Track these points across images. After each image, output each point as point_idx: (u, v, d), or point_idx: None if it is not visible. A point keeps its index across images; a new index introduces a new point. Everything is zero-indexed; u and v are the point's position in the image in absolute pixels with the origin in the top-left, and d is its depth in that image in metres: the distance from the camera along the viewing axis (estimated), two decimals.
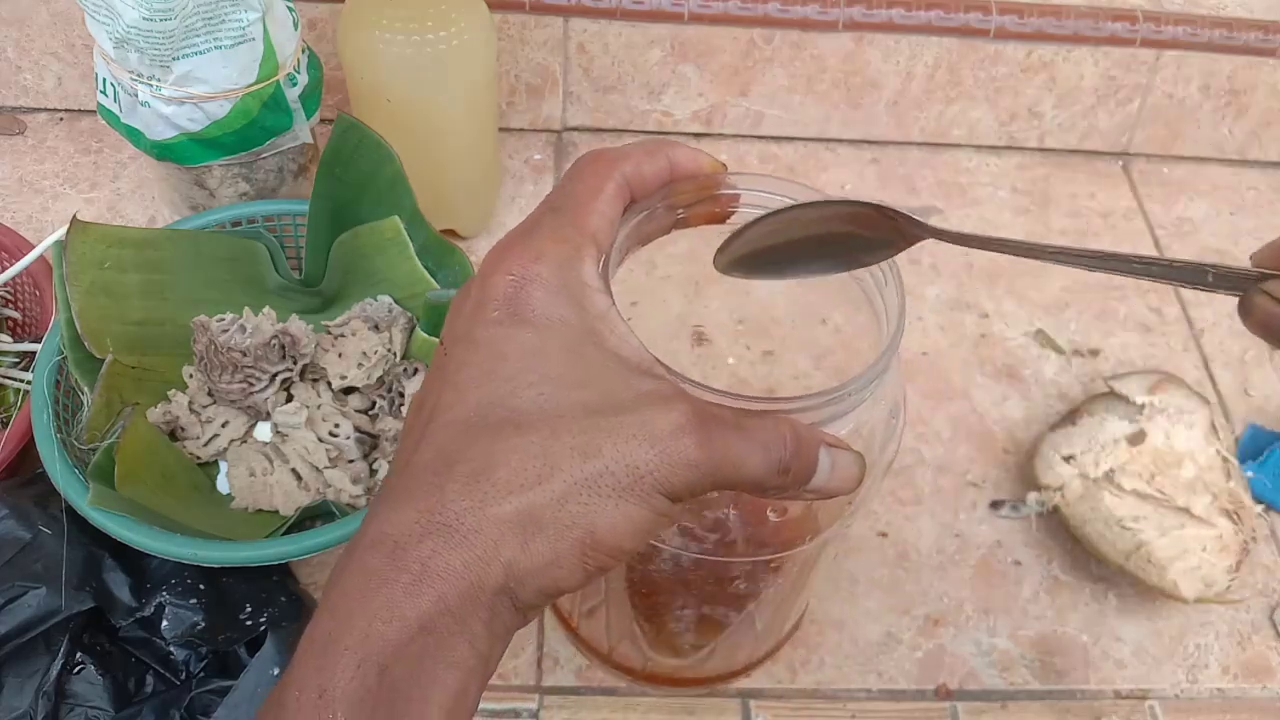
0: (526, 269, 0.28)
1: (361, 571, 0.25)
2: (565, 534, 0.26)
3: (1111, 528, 0.53)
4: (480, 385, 0.27)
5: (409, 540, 0.25)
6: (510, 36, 0.68)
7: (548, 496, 0.25)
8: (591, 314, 0.28)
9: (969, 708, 0.51)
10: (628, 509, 0.26)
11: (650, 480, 0.26)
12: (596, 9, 0.67)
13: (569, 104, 0.72)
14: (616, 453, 0.26)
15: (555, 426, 0.26)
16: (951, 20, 0.69)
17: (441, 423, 0.27)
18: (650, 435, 0.26)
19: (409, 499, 0.26)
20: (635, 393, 0.27)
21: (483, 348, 0.28)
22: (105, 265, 0.52)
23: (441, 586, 0.25)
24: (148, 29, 0.50)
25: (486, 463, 0.26)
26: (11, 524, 0.47)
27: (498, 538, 0.25)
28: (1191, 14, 0.70)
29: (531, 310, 0.28)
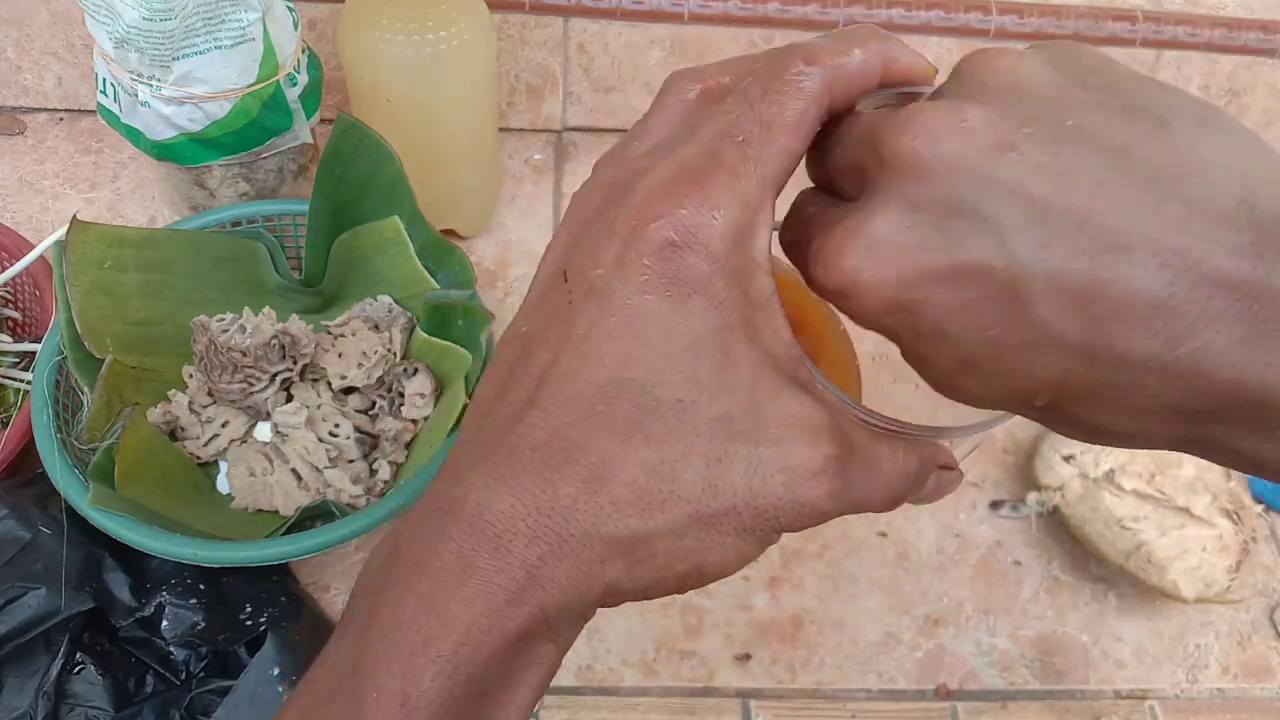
0: (695, 229, 0.23)
1: (459, 561, 0.23)
2: (674, 566, 0.24)
3: (1111, 528, 0.53)
4: (612, 365, 0.23)
5: (515, 539, 0.23)
6: (510, 36, 0.68)
7: (666, 526, 0.23)
8: (753, 300, 0.24)
9: (969, 708, 0.51)
10: (741, 546, 0.24)
11: (773, 522, 0.24)
12: (596, 9, 0.67)
13: (569, 104, 0.72)
14: (748, 491, 0.23)
15: (689, 445, 0.23)
16: (951, 20, 0.69)
17: (559, 397, 0.23)
18: (788, 475, 0.23)
19: (514, 484, 0.23)
20: (779, 413, 0.24)
21: (623, 318, 0.23)
22: (105, 265, 0.52)
23: (543, 597, 0.23)
24: (148, 29, 0.50)
25: (606, 468, 0.23)
26: (11, 524, 0.47)
27: (606, 556, 0.23)
28: (1191, 14, 0.70)
29: (689, 285, 0.23)
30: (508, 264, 0.66)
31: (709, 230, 0.23)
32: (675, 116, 0.26)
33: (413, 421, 0.54)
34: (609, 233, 0.23)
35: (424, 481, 0.48)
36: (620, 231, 0.23)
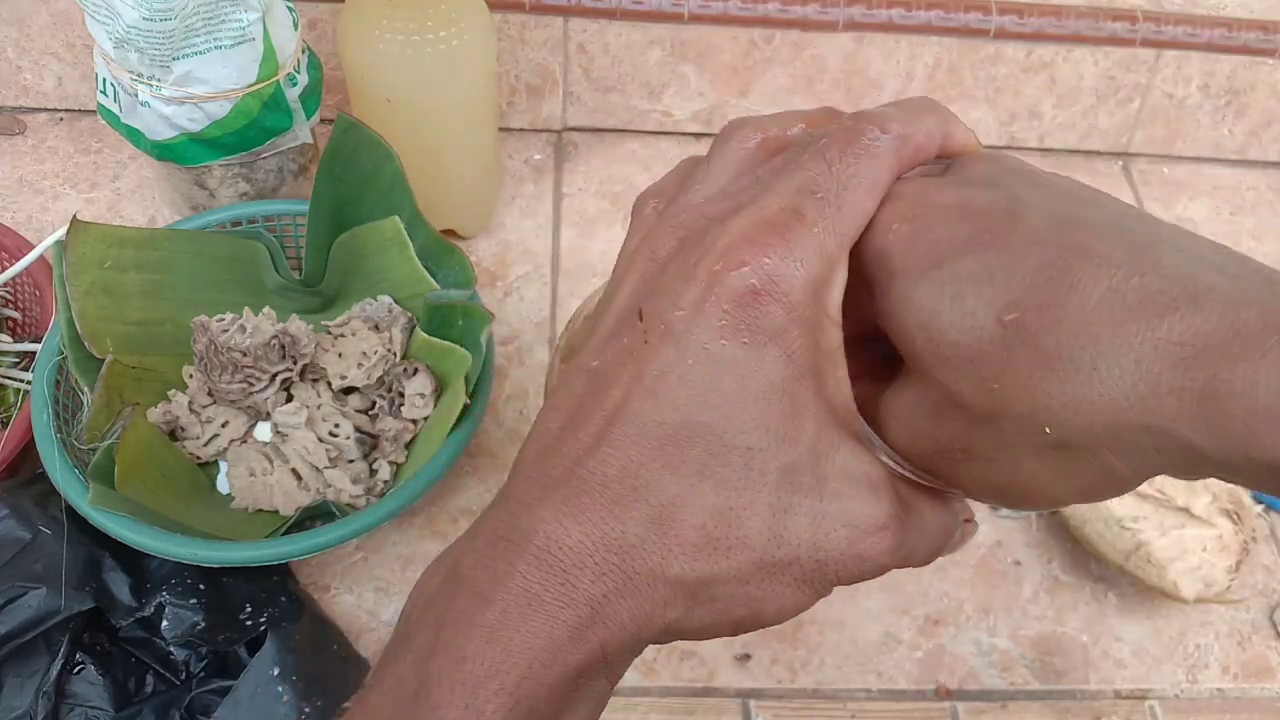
0: (776, 278, 0.23)
1: (525, 594, 0.23)
2: (733, 611, 0.24)
3: (1111, 528, 0.53)
4: (685, 407, 0.24)
5: (581, 573, 0.23)
6: (510, 36, 0.68)
7: (730, 572, 0.24)
8: (822, 351, 0.24)
9: (969, 708, 0.51)
10: (798, 596, 0.25)
11: (832, 575, 0.24)
12: (596, 9, 0.67)
13: (569, 104, 0.72)
14: (811, 543, 0.24)
15: (756, 494, 0.24)
16: (951, 20, 0.69)
17: (632, 433, 0.24)
18: (850, 530, 0.24)
19: (582, 516, 0.24)
20: (840, 468, 0.25)
21: (700, 362, 0.24)
22: (105, 265, 0.52)
23: (605, 634, 0.23)
24: (148, 29, 0.50)
25: (674, 509, 0.23)
26: (11, 524, 0.47)
27: (668, 598, 0.24)
28: (1191, 14, 0.70)
29: (766, 333, 0.23)
30: (508, 264, 0.66)
31: (790, 280, 0.23)
32: (738, 165, 0.27)
33: (413, 421, 0.54)
34: (689, 276, 0.24)
35: (424, 481, 0.48)
36: (701, 275, 0.24)
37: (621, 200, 0.70)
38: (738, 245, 0.24)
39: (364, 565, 0.53)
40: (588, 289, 0.65)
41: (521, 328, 0.63)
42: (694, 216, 0.26)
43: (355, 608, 0.51)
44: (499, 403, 0.59)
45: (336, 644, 0.48)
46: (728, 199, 0.26)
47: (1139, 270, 0.21)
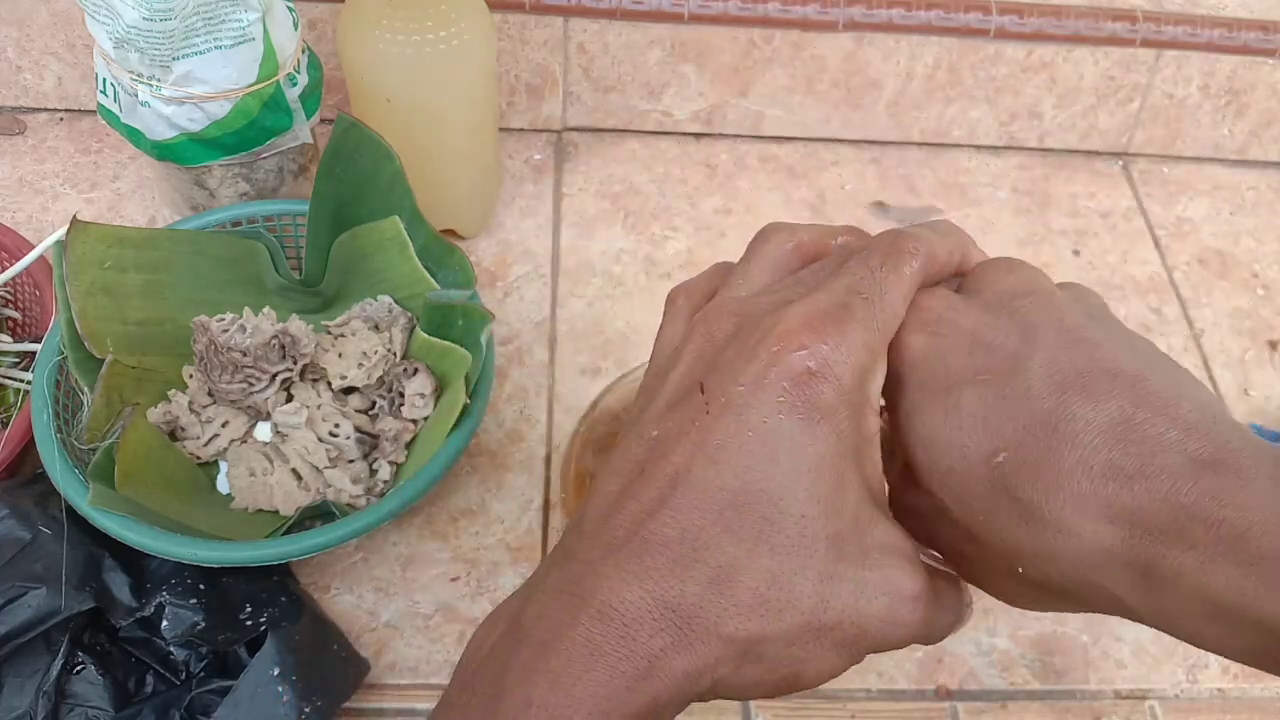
0: (830, 363, 0.26)
1: (588, 645, 0.25)
2: (778, 670, 0.26)
3: None
4: (744, 475, 0.25)
5: (641, 629, 0.25)
6: (510, 36, 0.68)
7: (778, 633, 0.25)
8: (863, 434, 0.27)
9: (969, 708, 0.51)
10: (837, 661, 0.26)
11: (870, 641, 0.26)
12: (596, 9, 0.67)
13: (569, 104, 0.72)
14: (854, 609, 0.26)
15: (806, 560, 0.25)
16: (951, 20, 0.69)
17: (692, 501, 0.25)
18: (889, 601, 0.26)
19: (645, 577, 0.25)
20: (879, 541, 0.27)
21: (759, 435, 0.26)
22: (105, 265, 0.52)
23: (659, 686, 0.25)
24: (148, 29, 0.50)
25: (731, 571, 0.25)
26: (11, 524, 0.47)
27: (720, 655, 0.25)
28: (1191, 14, 0.70)
29: (819, 412, 0.26)
30: (508, 264, 0.66)
31: (842, 366, 0.26)
32: (776, 265, 0.30)
33: (413, 421, 0.54)
34: (749, 355, 0.26)
35: (424, 481, 0.48)
36: (762, 355, 0.26)
37: (621, 200, 0.70)
38: (796, 330, 0.26)
39: (364, 565, 0.53)
40: (588, 289, 0.65)
41: (521, 328, 0.63)
42: (748, 305, 0.28)
43: (355, 608, 0.51)
44: (499, 403, 0.59)
45: (336, 644, 0.48)
46: (777, 294, 0.29)
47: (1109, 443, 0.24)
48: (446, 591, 0.52)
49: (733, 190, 0.71)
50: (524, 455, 0.57)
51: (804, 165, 0.74)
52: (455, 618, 0.51)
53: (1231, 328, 0.68)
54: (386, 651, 0.50)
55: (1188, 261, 0.72)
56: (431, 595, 0.52)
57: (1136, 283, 0.70)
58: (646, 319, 0.63)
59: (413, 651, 0.50)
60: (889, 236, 0.29)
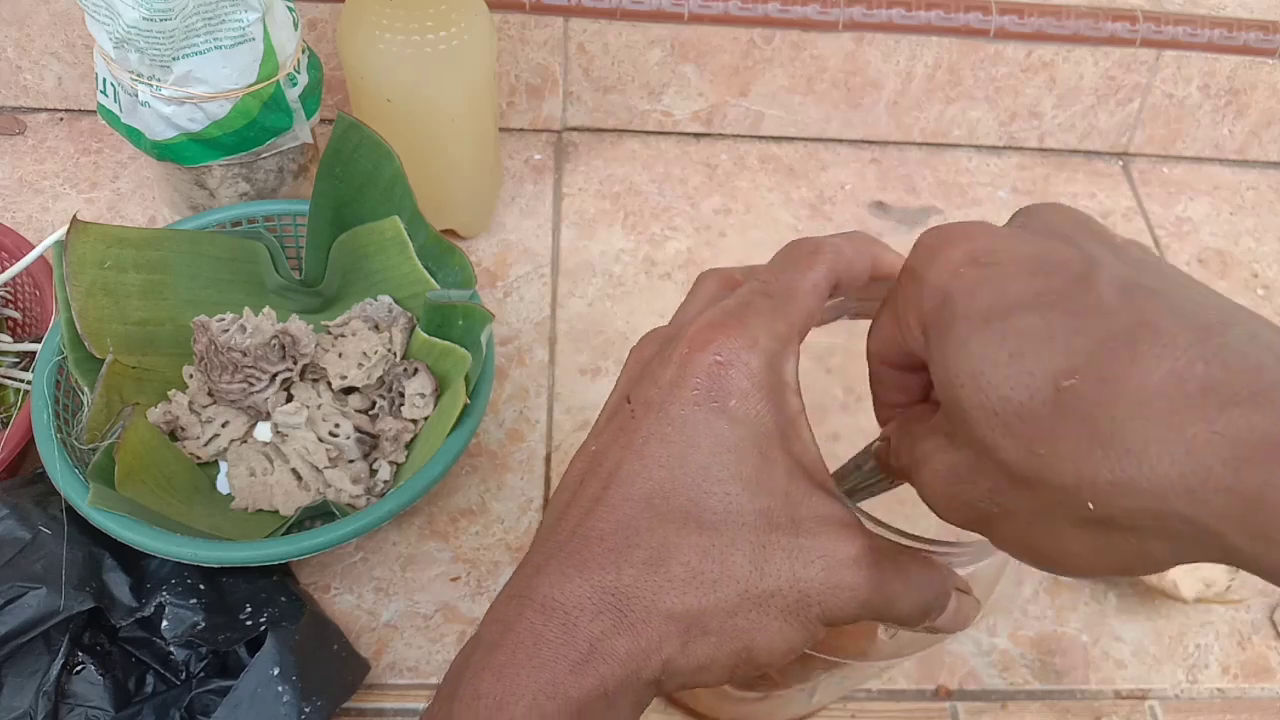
0: (737, 354, 0.27)
1: (531, 635, 0.26)
2: (726, 644, 0.26)
3: None
4: (668, 466, 0.27)
5: (581, 615, 0.26)
6: (510, 36, 0.68)
7: (718, 604, 0.26)
8: (784, 415, 0.28)
9: (969, 708, 0.51)
10: (787, 631, 0.27)
11: (816, 608, 0.27)
12: (596, 9, 0.67)
13: (569, 104, 0.72)
14: (792, 575, 0.26)
15: (736, 533, 0.26)
16: (951, 20, 0.69)
17: (623, 494, 0.27)
18: (826, 563, 0.27)
19: (583, 569, 0.26)
20: (813, 513, 0.27)
21: (677, 426, 0.27)
22: (105, 265, 0.52)
23: (604, 670, 0.25)
24: (148, 29, 0.50)
25: (665, 551, 0.26)
26: (11, 524, 0.47)
27: (663, 633, 0.26)
28: (1191, 14, 0.70)
29: (731, 400, 0.27)
30: (508, 264, 0.66)
31: (749, 353, 0.27)
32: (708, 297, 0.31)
33: (413, 421, 0.54)
34: (665, 362, 0.28)
35: (424, 481, 0.48)
36: (675, 359, 0.28)
37: (621, 200, 0.70)
38: (704, 330, 0.28)
39: (364, 565, 0.53)
40: (588, 289, 0.65)
41: (521, 328, 0.63)
42: (672, 329, 0.30)
43: (355, 608, 0.51)
44: (499, 403, 0.59)
45: (336, 644, 0.48)
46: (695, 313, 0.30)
47: (1203, 356, 0.22)
48: (446, 591, 0.52)
49: (733, 190, 0.71)
50: (524, 455, 0.57)
51: (804, 165, 0.74)
52: (455, 618, 0.51)
53: None
54: (386, 651, 0.50)
55: (1188, 261, 0.71)
56: (431, 595, 0.52)
57: None
58: (646, 319, 0.63)
59: (413, 651, 0.50)
60: (792, 242, 0.31)
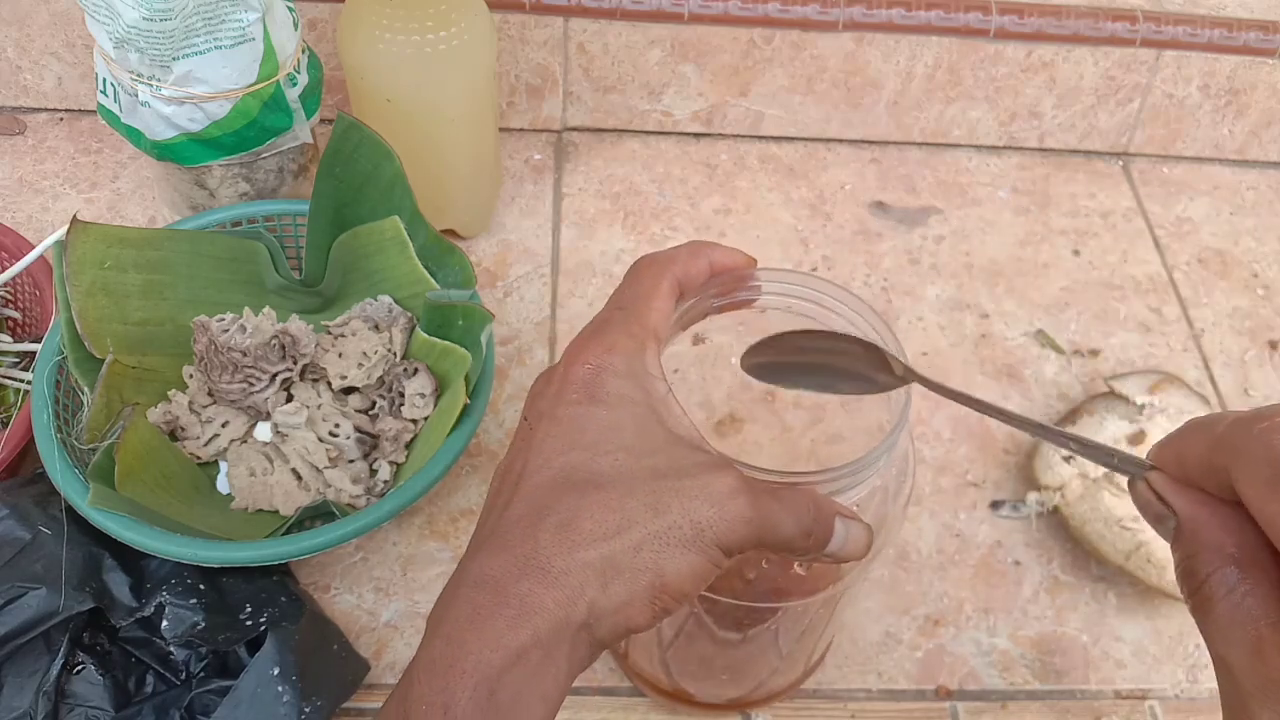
0: (601, 359, 0.33)
1: (470, 605, 0.29)
2: (639, 578, 0.30)
3: (1111, 528, 0.53)
4: (564, 453, 0.32)
5: (509, 580, 0.29)
6: (510, 36, 0.68)
7: (625, 545, 0.30)
8: (654, 398, 0.33)
9: (969, 708, 0.51)
10: (691, 559, 0.30)
11: (710, 534, 0.30)
12: (596, 9, 0.67)
13: (569, 104, 0.72)
14: (682, 510, 0.30)
15: (630, 486, 0.31)
16: (951, 20, 0.69)
17: (531, 484, 0.31)
18: (711, 496, 0.31)
19: (506, 546, 0.30)
20: (694, 462, 0.32)
21: (565, 423, 0.32)
22: (105, 265, 0.52)
23: (536, 621, 0.29)
24: (148, 29, 0.50)
25: (573, 515, 0.30)
26: (11, 524, 0.47)
27: (583, 580, 0.29)
28: (1191, 14, 0.70)
29: (606, 393, 0.32)
30: (508, 264, 0.66)
31: (611, 356, 0.33)
32: None
33: (413, 421, 0.54)
34: (549, 381, 0.34)
35: (424, 481, 0.48)
36: (556, 377, 0.34)
37: (621, 200, 0.70)
38: (572, 349, 0.34)
39: (364, 565, 0.53)
40: (588, 289, 0.65)
41: (521, 328, 0.63)
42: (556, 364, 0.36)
43: (355, 608, 0.51)
44: (499, 403, 0.59)
45: (336, 644, 0.48)
46: None
47: None
48: None
49: (733, 190, 0.71)
50: None
51: (804, 165, 0.74)
52: None
53: (1231, 328, 0.68)
54: (386, 651, 0.50)
55: (1188, 261, 0.71)
56: (431, 595, 0.52)
57: (1136, 283, 0.70)
58: None
59: (412, 651, 0.50)
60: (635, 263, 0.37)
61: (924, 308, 0.66)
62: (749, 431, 0.47)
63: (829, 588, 0.40)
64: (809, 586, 0.40)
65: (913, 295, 0.67)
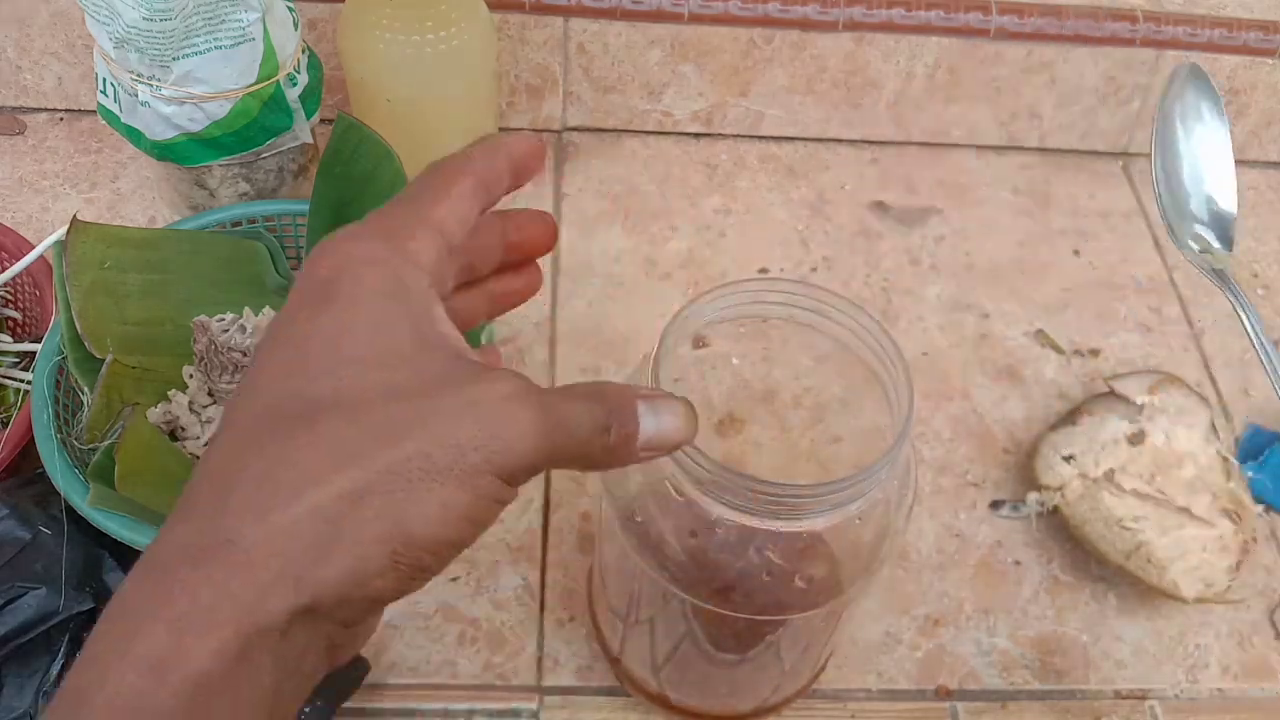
0: (341, 248, 0.26)
1: (121, 609, 0.22)
2: (367, 532, 0.22)
3: (1111, 528, 0.53)
4: (275, 382, 0.24)
5: (178, 566, 0.22)
6: (510, 36, 0.68)
7: (342, 491, 0.22)
8: (410, 293, 0.25)
9: (969, 708, 0.51)
10: (445, 494, 0.23)
11: (477, 458, 0.23)
12: (596, 9, 0.67)
13: (569, 104, 0.72)
14: (431, 433, 0.23)
15: (354, 412, 0.23)
16: (951, 20, 0.69)
17: (234, 430, 0.24)
18: (475, 408, 0.23)
19: (187, 515, 0.23)
20: (449, 371, 0.25)
21: (283, 342, 0.25)
22: (105, 265, 0.52)
23: (216, 618, 0.21)
24: (148, 29, 0.50)
25: (275, 463, 0.23)
26: (11, 524, 0.47)
27: (283, 550, 0.22)
28: (1191, 14, 0.70)
29: (340, 290, 0.25)
30: None
31: (352, 245, 0.26)
32: None
33: None
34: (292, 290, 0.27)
35: None
36: (295, 284, 0.26)
37: (621, 200, 0.70)
38: (320, 245, 0.26)
39: None
40: (588, 289, 0.65)
41: (521, 328, 0.63)
42: None
43: None
44: None
45: None
46: None
47: None
48: (446, 591, 0.52)
49: (733, 190, 0.71)
50: None
51: (804, 165, 0.74)
52: (455, 618, 0.51)
53: (1231, 328, 0.68)
54: (386, 651, 0.50)
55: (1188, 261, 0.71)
56: (431, 595, 0.52)
57: (1136, 283, 0.70)
58: (646, 319, 0.63)
59: (413, 652, 0.50)
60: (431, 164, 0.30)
61: (924, 308, 0.66)
62: (749, 431, 0.47)
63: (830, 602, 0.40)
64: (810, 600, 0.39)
65: (913, 295, 0.67)
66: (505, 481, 0.24)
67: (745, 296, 0.38)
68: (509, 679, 0.50)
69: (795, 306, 0.38)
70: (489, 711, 0.49)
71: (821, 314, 0.38)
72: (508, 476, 0.24)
